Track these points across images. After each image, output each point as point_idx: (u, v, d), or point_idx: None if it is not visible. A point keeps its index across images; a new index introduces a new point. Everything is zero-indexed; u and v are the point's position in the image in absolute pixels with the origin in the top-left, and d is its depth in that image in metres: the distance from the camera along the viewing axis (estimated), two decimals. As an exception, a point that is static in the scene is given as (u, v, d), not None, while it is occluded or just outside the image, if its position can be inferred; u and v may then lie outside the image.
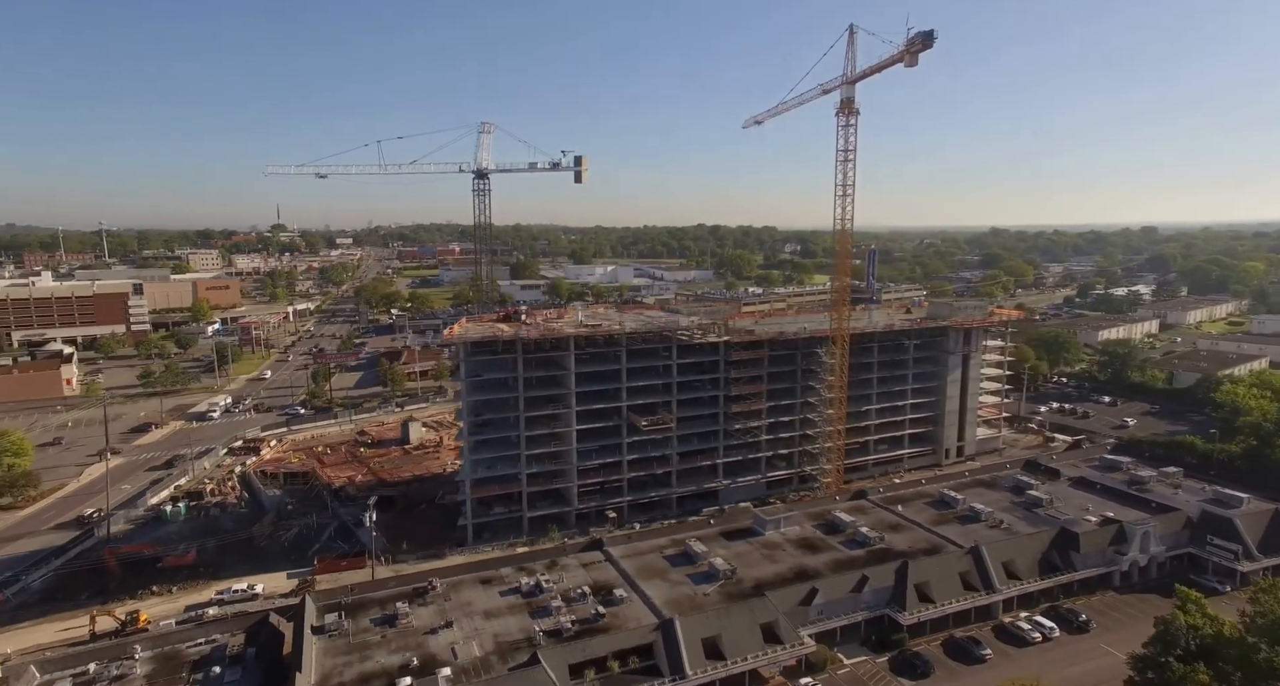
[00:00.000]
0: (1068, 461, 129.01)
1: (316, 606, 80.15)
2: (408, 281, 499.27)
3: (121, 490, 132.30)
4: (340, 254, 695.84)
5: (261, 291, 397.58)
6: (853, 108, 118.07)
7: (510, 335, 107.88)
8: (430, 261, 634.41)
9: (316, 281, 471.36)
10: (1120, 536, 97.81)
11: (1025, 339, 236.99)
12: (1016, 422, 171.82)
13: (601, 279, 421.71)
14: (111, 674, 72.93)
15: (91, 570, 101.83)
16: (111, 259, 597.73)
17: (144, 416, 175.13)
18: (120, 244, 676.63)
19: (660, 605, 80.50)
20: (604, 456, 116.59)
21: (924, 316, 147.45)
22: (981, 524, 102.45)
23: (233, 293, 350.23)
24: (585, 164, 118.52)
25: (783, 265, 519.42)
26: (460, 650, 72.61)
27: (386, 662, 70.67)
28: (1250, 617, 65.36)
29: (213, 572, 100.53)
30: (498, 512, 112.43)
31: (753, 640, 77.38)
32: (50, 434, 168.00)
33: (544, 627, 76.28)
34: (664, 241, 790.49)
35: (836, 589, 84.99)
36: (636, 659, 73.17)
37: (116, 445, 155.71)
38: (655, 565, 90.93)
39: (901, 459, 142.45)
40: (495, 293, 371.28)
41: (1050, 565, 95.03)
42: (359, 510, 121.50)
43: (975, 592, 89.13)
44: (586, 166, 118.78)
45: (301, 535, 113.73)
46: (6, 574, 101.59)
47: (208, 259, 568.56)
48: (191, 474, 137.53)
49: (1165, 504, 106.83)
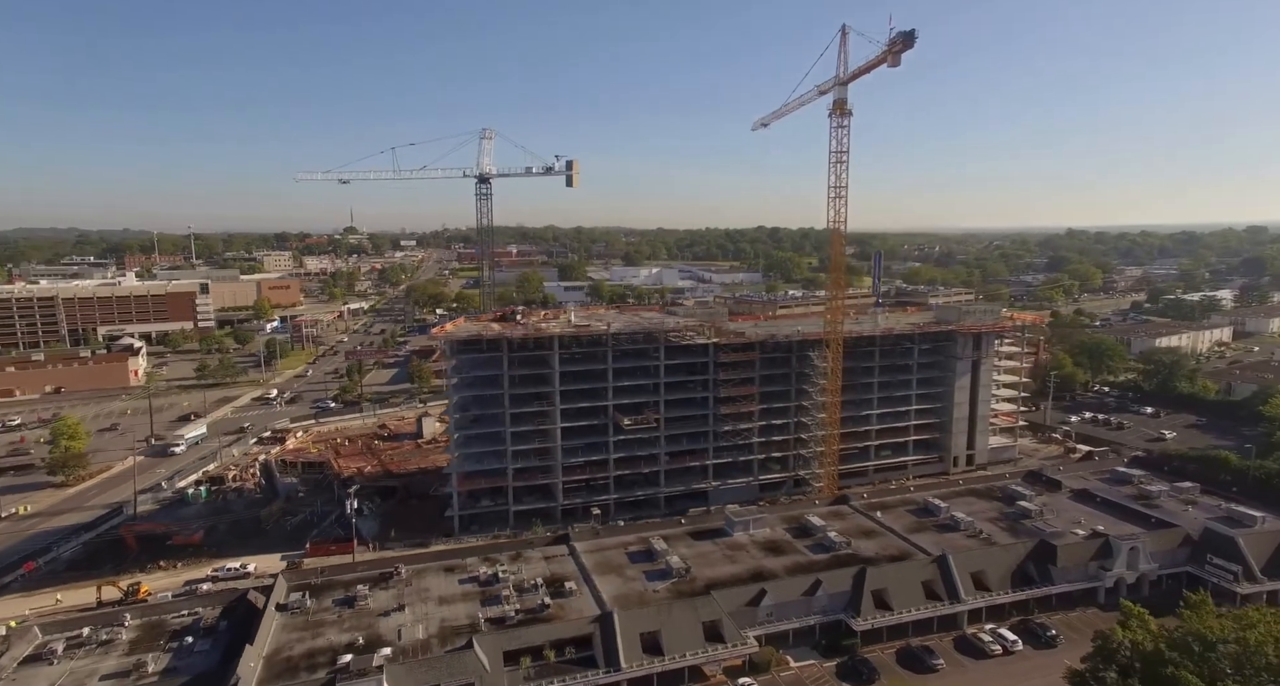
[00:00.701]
0: (1076, 473, 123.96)
1: (287, 586, 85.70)
2: (461, 282, 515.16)
3: (156, 473, 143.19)
4: (404, 256, 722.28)
5: (323, 291, 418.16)
6: (845, 109, 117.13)
7: (495, 334, 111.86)
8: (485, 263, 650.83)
9: (375, 282, 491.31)
10: (1105, 551, 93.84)
11: (1067, 345, 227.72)
12: (1039, 432, 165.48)
13: (646, 281, 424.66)
14: (101, 638, 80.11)
15: (112, 545, 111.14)
16: (198, 261, 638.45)
17: (187, 406, 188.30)
18: (206, 247, 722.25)
19: (607, 599, 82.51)
20: (589, 454, 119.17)
21: (930, 320, 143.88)
22: (959, 533, 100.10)
23: (293, 292, 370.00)
24: (576, 168, 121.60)
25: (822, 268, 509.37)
26: (405, 632, 76.51)
27: (335, 640, 75.23)
28: (1170, 633, 62.64)
29: (216, 552, 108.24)
30: (484, 505, 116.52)
31: (694, 638, 78.40)
32: (110, 420, 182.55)
33: (489, 615, 79.43)
34: (720, 244, 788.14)
35: (787, 591, 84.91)
36: (573, 649, 75.32)
37: (161, 432, 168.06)
38: (615, 561, 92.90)
39: (906, 466, 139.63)
40: (539, 293, 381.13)
41: (1026, 578, 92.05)
42: (361, 499, 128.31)
43: (938, 602, 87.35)
44: (578, 170, 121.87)
45: (306, 521, 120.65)
46: (42, 544, 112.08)
47: (281, 260, 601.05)
48: (220, 460, 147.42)
49: (1166, 520, 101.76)
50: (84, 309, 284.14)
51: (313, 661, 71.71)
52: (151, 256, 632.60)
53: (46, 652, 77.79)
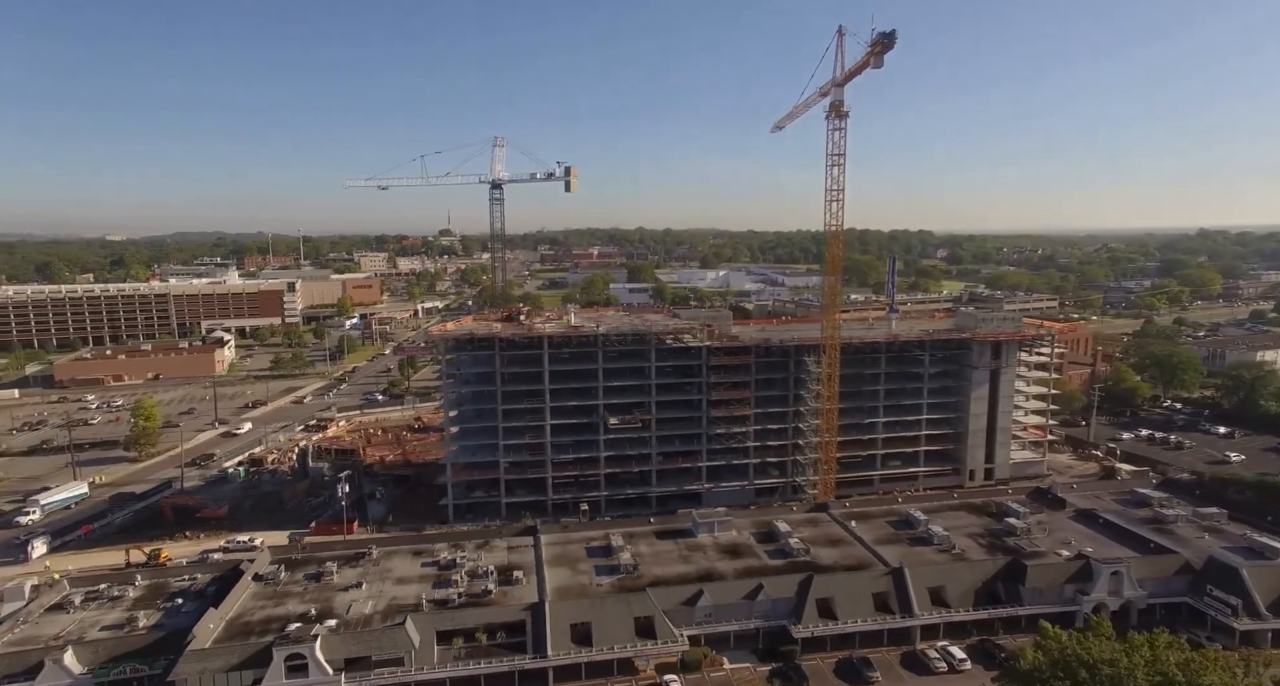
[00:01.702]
0: (1090, 492, 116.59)
1: (269, 558, 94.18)
2: (539, 283, 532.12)
3: (215, 453, 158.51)
4: (489, 257, 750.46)
5: (406, 291, 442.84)
6: (841, 110, 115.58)
7: (487, 333, 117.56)
8: (567, 264, 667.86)
9: (455, 282, 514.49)
10: (1085, 574, 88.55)
11: (1137, 357, 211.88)
12: (1081, 448, 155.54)
13: (713, 283, 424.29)
14: (112, 595, 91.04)
15: (155, 514, 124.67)
16: (306, 261, 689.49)
17: (250, 394, 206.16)
18: (315, 248, 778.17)
19: (549, 590, 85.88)
20: (579, 451, 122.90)
21: (949, 328, 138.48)
22: (931, 547, 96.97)
23: (374, 291, 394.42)
24: (575, 174, 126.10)
25: (909, 272, 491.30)
26: (355, 607, 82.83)
27: (293, 610, 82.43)
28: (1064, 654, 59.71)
29: (234, 525, 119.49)
30: (478, 496, 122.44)
31: (625, 632, 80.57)
32: (188, 404, 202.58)
33: (435, 596, 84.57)
34: (804, 246, 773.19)
35: (726, 594, 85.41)
36: (505, 634, 79.20)
37: (227, 417, 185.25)
38: (573, 554, 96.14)
39: (917, 477, 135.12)
40: (603, 294, 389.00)
41: (992, 597, 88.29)
42: (379, 484, 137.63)
43: (889, 615, 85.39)
44: (576, 176, 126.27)
45: (324, 502, 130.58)
46: (101, 510, 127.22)
47: (376, 261, 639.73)
48: (265, 444, 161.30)
49: (1165, 546, 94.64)
50: (191, 305, 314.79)
51: (266, 627, 79.02)
52: (267, 257, 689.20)
53: (66, 603, 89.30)
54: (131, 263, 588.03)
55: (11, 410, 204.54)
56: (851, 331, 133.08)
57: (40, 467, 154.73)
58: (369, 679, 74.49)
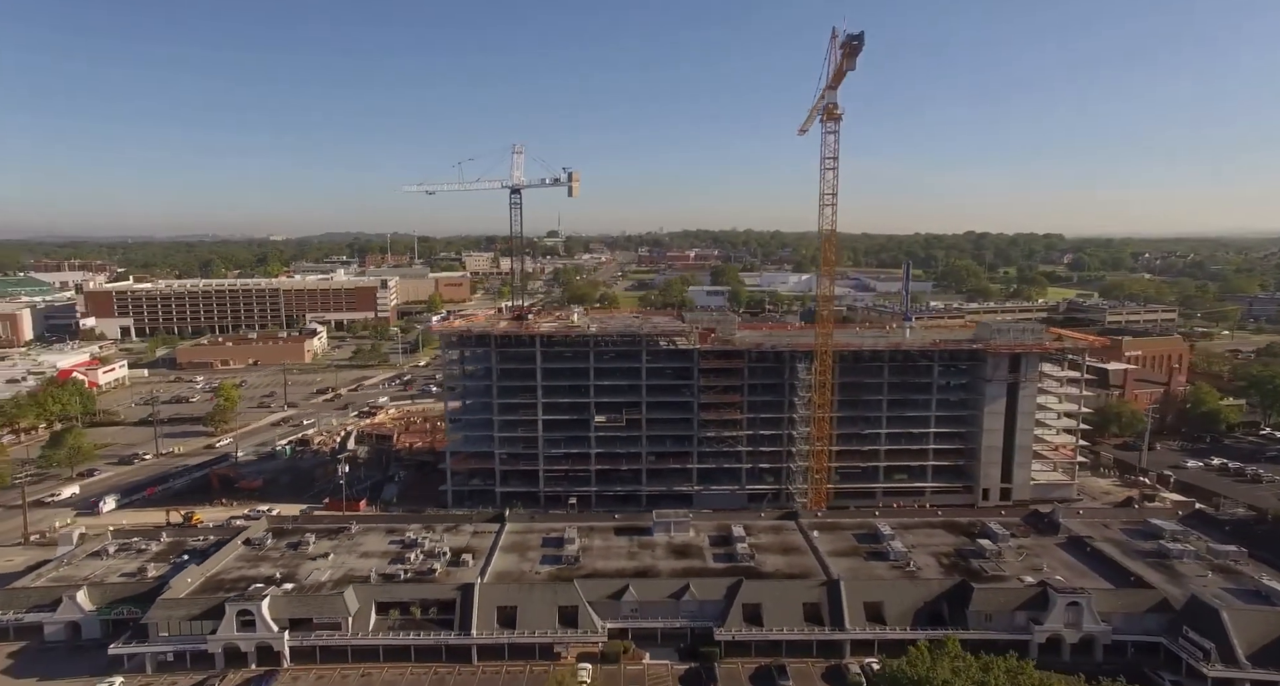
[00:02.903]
0: (1096, 519, 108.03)
1: (264, 527, 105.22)
2: (628, 284, 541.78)
3: (274, 431, 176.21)
4: (590, 258, 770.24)
5: (498, 289, 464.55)
6: (834, 113, 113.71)
7: (482, 330, 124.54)
8: (661, 266, 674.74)
9: (547, 282, 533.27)
10: (1041, 602, 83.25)
11: (1227, 378, 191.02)
12: (1129, 473, 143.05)
13: (794, 287, 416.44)
14: (139, 547, 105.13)
15: (205, 483, 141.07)
16: (420, 260, 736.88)
17: (320, 381, 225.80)
18: (430, 248, 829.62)
19: (489, 573, 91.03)
20: (570, 447, 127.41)
21: (959, 338, 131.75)
22: (885, 562, 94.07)
23: (463, 289, 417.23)
24: (576, 178, 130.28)
25: (1012, 279, 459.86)
26: (314, 574, 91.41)
27: (263, 572, 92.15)
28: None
29: (264, 496, 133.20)
30: (475, 484, 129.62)
31: (549, 618, 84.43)
32: (270, 388, 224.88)
33: (385, 571, 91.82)
34: (908, 250, 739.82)
35: (652, 591, 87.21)
36: (437, 610, 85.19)
37: (297, 400, 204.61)
38: (528, 543, 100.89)
39: (924, 492, 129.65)
40: (679, 296, 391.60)
41: (936, 617, 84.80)
42: (402, 468, 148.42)
43: (818, 626, 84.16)
44: (577, 180, 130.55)
45: (349, 482, 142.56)
46: (164, 475, 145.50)
47: (481, 261, 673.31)
48: (317, 426, 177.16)
49: (1145, 580, 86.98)
50: (298, 299, 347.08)
51: (235, 585, 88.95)
52: (385, 256, 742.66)
53: (102, 551, 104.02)
54: (272, 260, 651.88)
55: (139, 387, 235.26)
56: (851, 339, 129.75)
57: (142, 436, 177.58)
58: (310, 639, 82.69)
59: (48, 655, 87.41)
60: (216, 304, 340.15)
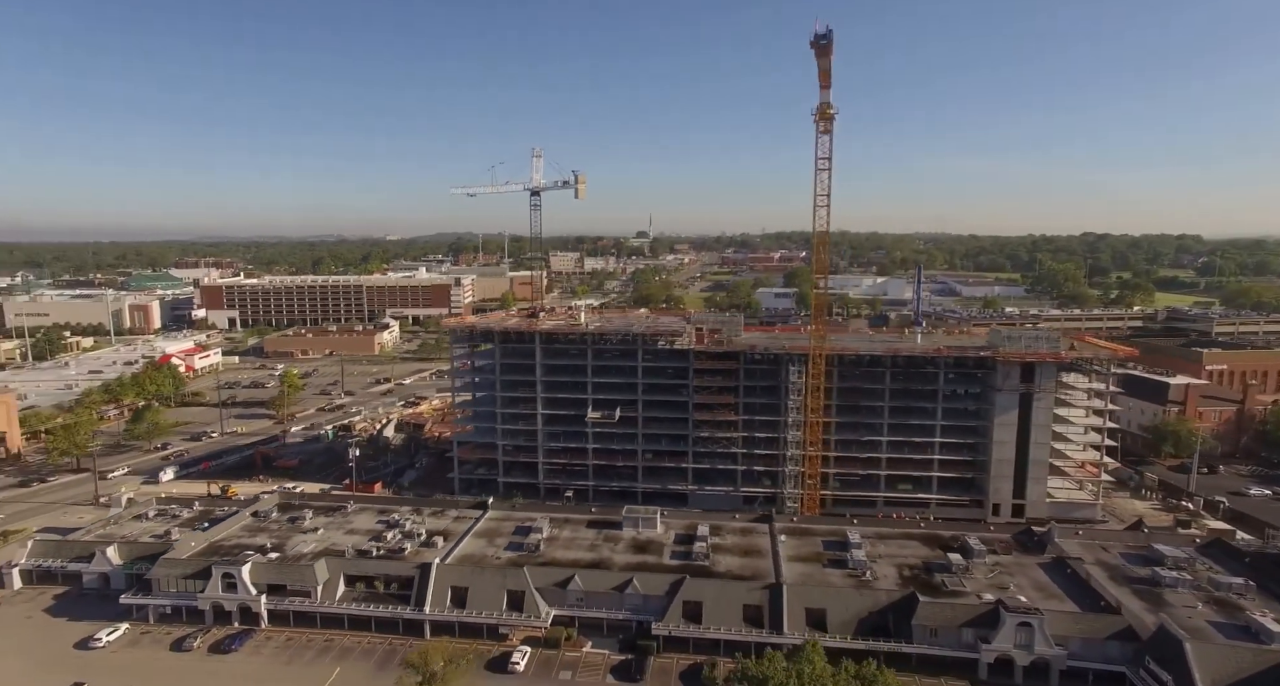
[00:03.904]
0: (1098, 541, 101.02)
1: (275, 502, 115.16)
2: (705, 285, 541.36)
3: (326, 417, 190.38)
4: (673, 259, 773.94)
5: (575, 288, 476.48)
6: (826, 113, 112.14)
7: (485, 327, 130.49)
8: (742, 267, 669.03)
9: (623, 282, 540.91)
10: (991, 620, 79.61)
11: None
12: (1174, 496, 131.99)
13: (867, 290, 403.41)
14: (174, 513, 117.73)
15: (251, 459, 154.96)
16: (510, 259, 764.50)
17: (377, 372, 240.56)
18: (519, 247, 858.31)
19: (453, 556, 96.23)
20: (569, 441, 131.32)
21: (967, 344, 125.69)
22: (841, 570, 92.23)
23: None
24: (582, 180, 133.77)
25: (1117, 284, 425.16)
26: (299, 547, 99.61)
27: (258, 542, 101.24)
28: None
29: (294, 475, 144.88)
30: (481, 473, 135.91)
31: (497, 600, 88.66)
32: (336, 377, 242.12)
33: (361, 547, 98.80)
34: (1010, 252, 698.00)
35: (597, 582, 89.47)
36: (397, 586, 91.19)
37: (355, 390, 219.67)
38: (500, 530, 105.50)
39: (929, 504, 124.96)
40: (746, 298, 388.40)
41: (881, 629, 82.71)
42: (426, 455, 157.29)
43: (757, 629, 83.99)
44: (584, 182, 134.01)
45: (377, 465, 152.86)
46: (219, 452, 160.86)
47: (566, 261, 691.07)
48: (365, 414, 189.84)
49: (1112, 606, 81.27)
50: (379, 295, 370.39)
51: (231, 551, 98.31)
52: (477, 255, 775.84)
53: (143, 515, 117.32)
54: (374, 259, 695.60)
55: (229, 372, 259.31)
56: (850, 343, 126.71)
57: (217, 416, 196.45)
58: (284, 603, 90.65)
59: (82, 600, 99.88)
60: (308, 299, 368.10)
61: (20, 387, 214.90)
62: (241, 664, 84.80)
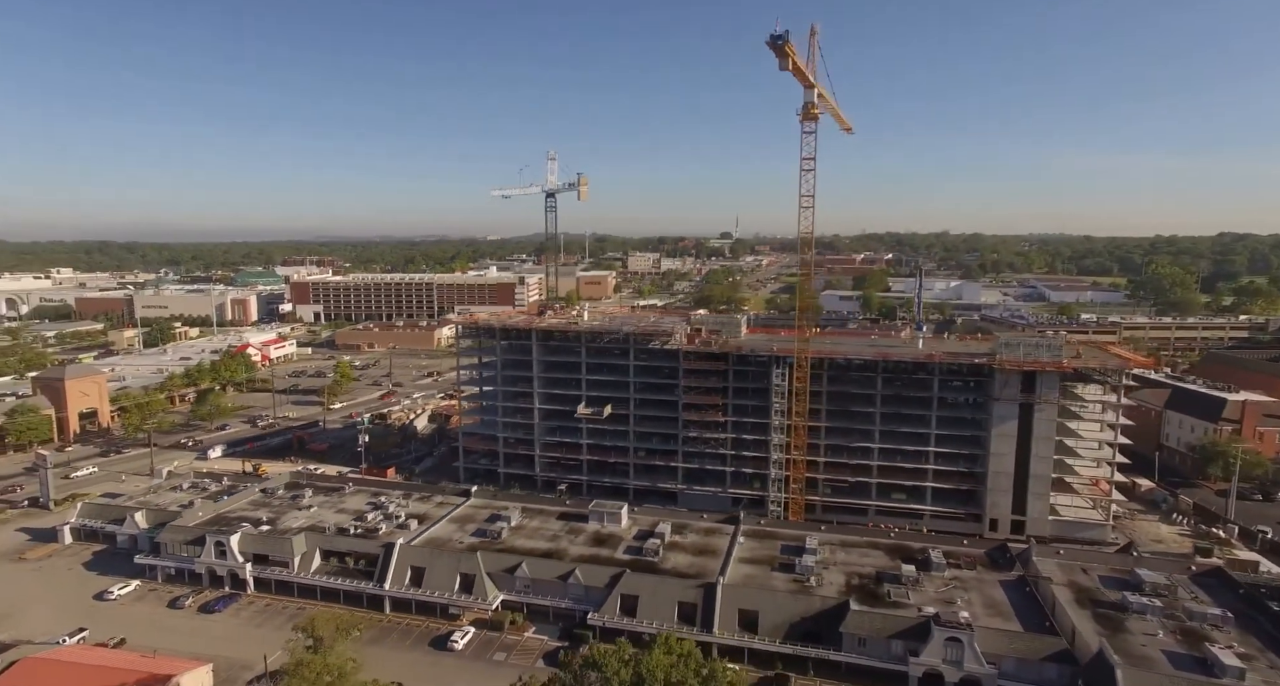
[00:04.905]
0: (1079, 562, 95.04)
1: (284, 481, 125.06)
2: (777, 286, 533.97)
3: (369, 405, 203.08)
4: (751, 260, 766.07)
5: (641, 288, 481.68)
6: (811, 113, 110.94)
7: (484, 324, 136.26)
8: (819, 269, 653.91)
9: (694, 283, 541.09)
10: (921, 633, 77.28)
11: None
12: (1208, 521, 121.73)
13: (940, 294, 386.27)
14: (203, 486, 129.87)
15: (290, 442, 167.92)
16: (590, 259, 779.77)
17: (428, 365, 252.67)
18: (601, 247, 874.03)
19: (422, 538, 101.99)
20: (563, 436, 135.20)
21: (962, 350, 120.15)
22: (787, 575, 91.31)
23: (603, 287, 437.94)
24: (583, 181, 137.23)
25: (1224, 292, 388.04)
26: (290, 522, 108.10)
27: (256, 515, 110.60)
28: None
29: (322, 458, 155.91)
30: (484, 463, 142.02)
31: (450, 582, 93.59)
32: (391, 368, 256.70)
33: (341, 524, 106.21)
34: (1122, 255, 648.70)
35: (541, 571, 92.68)
36: (365, 562, 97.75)
37: (404, 381, 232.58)
38: (473, 516, 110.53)
39: (922, 516, 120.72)
40: (812, 300, 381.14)
41: (813, 635, 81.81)
42: (447, 445, 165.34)
43: (689, 626, 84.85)
44: (585, 183, 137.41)
45: (402, 452, 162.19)
46: (262, 434, 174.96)
47: (645, 261, 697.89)
48: (405, 404, 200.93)
49: (1053, 628, 77.03)
50: (448, 293, 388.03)
51: (233, 521, 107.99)
52: (558, 255, 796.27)
53: (179, 486, 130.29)
54: (461, 258, 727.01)
55: (302, 362, 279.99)
56: (837, 346, 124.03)
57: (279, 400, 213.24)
58: (266, 572, 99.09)
59: (113, 557, 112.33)
60: (383, 295, 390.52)
61: (122, 370, 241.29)
62: (220, 624, 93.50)
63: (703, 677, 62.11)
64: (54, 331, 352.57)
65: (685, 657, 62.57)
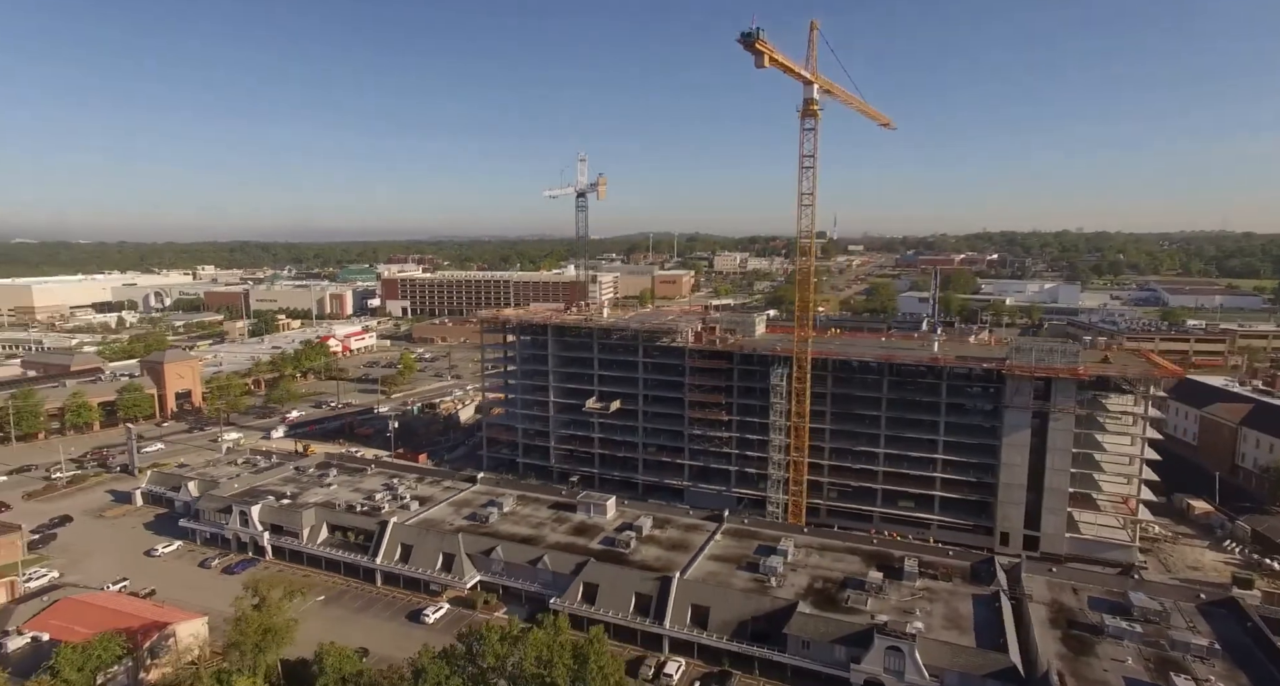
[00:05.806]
0: (1070, 582, 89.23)
1: (318, 461, 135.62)
2: (862, 287, 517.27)
3: (424, 395, 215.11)
4: (843, 260, 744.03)
5: (718, 288, 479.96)
6: (811, 109, 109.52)
7: (504, 319, 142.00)
8: (913, 269, 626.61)
9: (774, 283, 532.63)
10: (863, 640, 75.60)
11: None
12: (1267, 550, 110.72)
13: (1032, 296, 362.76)
14: (254, 462, 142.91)
15: (344, 426, 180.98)
16: (678, 258, 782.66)
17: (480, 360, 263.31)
18: (690, 247, 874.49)
19: (418, 518, 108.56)
20: (576, 429, 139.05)
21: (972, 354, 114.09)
22: (749, 574, 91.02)
23: (678, 286, 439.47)
24: (603, 181, 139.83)
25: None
26: (307, 497, 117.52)
27: (284, 489, 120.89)
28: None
29: (365, 442, 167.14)
30: (504, 453, 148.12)
31: (432, 560, 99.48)
32: (454, 361, 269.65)
33: (349, 501, 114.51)
34: (1249, 253, 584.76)
35: (514, 555, 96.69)
36: (363, 538, 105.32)
37: (463, 373, 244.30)
38: (472, 501, 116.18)
39: (930, 525, 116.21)
40: (889, 301, 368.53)
41: (760, 634, 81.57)
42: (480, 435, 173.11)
43: (643, 617, 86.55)
44: (604, 183, 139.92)
45: (440, 439, 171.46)
46: (322, 418, 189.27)
47: (731, 260, 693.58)
48: (456, 394, 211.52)
49: (1003, 646, 73.23)
50: (524, 290, 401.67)
51: (261, 493, 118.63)
52: (646, 254, 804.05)
53: (234, 461, 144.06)
54: (552, 256, 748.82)
55: (379, 353, 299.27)
56: (840, 347, 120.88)
57: (350, 389, 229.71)
58: (281, 541, 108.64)
59: (169, 520, 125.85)
60: (462, 292, 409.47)
61: (222, 357, 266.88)
62: (234, 585, 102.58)
63: (580, 658, 63.95)
64: (183, 321, 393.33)
65: (560, 640, 64.98)
